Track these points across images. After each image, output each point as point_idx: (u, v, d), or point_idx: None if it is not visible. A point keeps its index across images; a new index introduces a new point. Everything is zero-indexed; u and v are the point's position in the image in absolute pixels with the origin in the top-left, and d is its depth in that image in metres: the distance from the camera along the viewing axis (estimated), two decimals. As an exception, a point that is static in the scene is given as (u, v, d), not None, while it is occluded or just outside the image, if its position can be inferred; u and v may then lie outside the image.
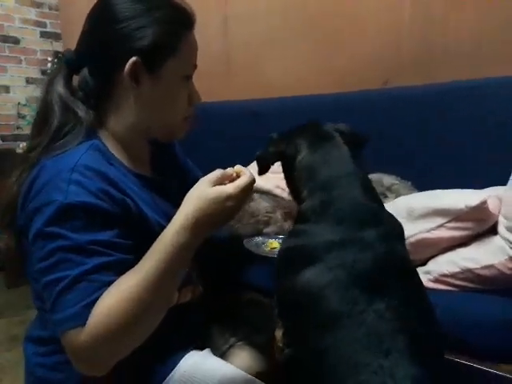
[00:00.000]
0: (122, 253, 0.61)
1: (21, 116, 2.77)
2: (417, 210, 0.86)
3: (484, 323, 0.73)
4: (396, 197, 1.08)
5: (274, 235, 1.10)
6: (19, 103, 2.78)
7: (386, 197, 1.12)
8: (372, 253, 0.57)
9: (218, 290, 1.04)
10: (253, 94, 1.70)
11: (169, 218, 0.64)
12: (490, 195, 0.81)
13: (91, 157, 0.65)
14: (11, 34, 2.78)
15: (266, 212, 1.21)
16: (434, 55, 1.32)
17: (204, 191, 0.60)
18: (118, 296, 0.56)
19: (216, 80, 1.87)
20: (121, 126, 0.72)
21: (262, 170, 0.79)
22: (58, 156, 0.64)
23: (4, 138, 2.79)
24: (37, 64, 2.92)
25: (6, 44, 2.76)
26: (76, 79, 0.73)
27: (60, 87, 0.70)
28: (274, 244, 1.04)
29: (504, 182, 0.85)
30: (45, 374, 0.70)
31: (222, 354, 0.84)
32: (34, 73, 2.92)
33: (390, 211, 0.90)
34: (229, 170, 0.64)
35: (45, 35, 2.95)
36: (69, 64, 0.71)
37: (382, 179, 1.15)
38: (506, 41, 1.20)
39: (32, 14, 2.87)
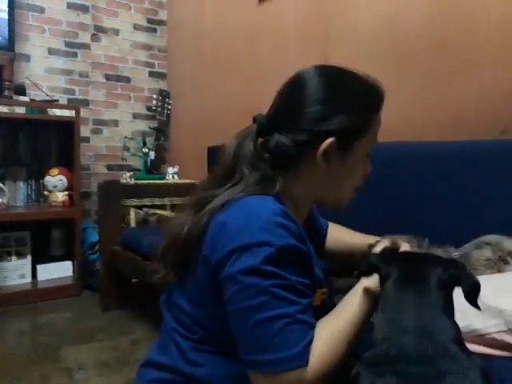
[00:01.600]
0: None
1: (126, 148, 3.00)
2: (555, 290, 0.72)
3: None
4: (520, 264, 0.95)
5: None
6: (126, 136, 3.02)
7: (506, 263, 0.99)
8: None
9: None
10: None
11: (322, 278, 0.76)
12: None
13: (278, 204, 0.68)
14: (124, 73, 3.06)
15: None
16: None
17: None
18: (331, 338, 0.63)
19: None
20: (299, 192, 0.77)
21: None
22: (245, 199, 0.68)
23: (111, 168, 3.03)
24: (143, 101, 3.17)
25: (119, 83, 3.04)
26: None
27: (250, 148, 0.74)
28: None
29: None
30: None
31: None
32: (140, 108, 3.16)
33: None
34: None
35: (152, 75, 3.20)
36: (261, 127, 0.76)
37: (501, 242, 1.02)
38: None
39: (143, 55, 3.15)
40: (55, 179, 2.55)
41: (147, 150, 2.91)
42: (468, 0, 1.40)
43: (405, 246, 0.83)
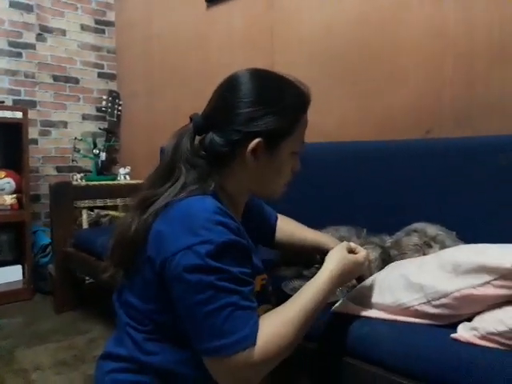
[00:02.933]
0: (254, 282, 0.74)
1: (76, 150, 2.96)
2: (463, 265, 0.86)
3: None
4: (441, 247, 1.09)
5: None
6: (75, 138, 2.99)
7: (430, 247, 1.13)
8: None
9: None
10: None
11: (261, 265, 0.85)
12: (538, 254, 0.81)
13: (216, 202, 0.74)
14: (72, 74, 3.02)
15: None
16: (476, 108, 1.35)
17: (346, 255, 0.86)
18: (282, 321, 0.71)
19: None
20: (233, 188, 0.83)
21: None
22: (183, 202, 0.73)
23: (61, 170, 2.98)
24: (93, 102, 3.14)
25: (68, 84, 3.00)
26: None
27: (187, 147, 0.80)
28: None
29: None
30: None
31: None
32: (90, 110, 3.13)
33: (435, 263, 0.93)
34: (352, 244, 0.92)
35: (102, 76, 3.18)
36: (197, 126, 0.81)
37: (426, 229, 1.16)
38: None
39: (92, 56, 3.12)
40: (2, 182, 2.49)
41: (98, 151, 2.90)
42: (395, 17, 1.56)
43: (360, 251, 0.93)
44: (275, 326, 0.70)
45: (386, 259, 1.15)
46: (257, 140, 0.77)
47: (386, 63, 1.59)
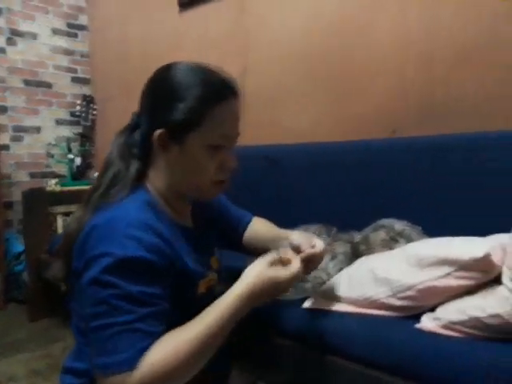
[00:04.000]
0: (165, 303, 0.69)
1: (50, 155, 2.92)
2: (425, 259, 0.90)
3: (494, 371, 0.75)
4: (407, 241, 1.12)
5: None
6: (49, 143, 2.94)
7: (397, 242, 1.16)
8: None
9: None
10: (267, 139, 1.81)
11: (206, 268, 0.82)
12: (495, 246, 0.85)
13: (144, 212, 0.73)
14: (45, 79, 2.98)
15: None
16: (437, 109, 1.40)
17: (263, 271, 0.73)
18: (175, 349, 0.64)
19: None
20: (159, 183, 0.81)
21: None
22: (114, 206, 0.73)
23: (34, 176, 2.94)
24: (66, 106, 3.10)
25: (40, 88, 2.96)
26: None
27: (121, 142, 0.82)
28: None
29: (506, 229, 0.90)
30: None
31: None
32: (64, 114, 3.09)
33: (400, 257, 0.96)
34: (282, 254, 0.78)
35: (75, 80, 3.14)
36: (131, 124, 0.84)
37: (392, 224, 1.19)
38: (502, 97, 1.29)
39: (64, 61, 3.08)
40: (-27, 189, 2.44)
41: (72, 156, 2.86)
42: (363, 23, 1.61)
43: (318, 243, 0.89)
44: (165, 353, 0.63)
45: (354, 254, 1.18)
46: (158, 131, 0.76)
47: (356, 67, 1.64)
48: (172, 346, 0.64)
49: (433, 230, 1.11)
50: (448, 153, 1.26)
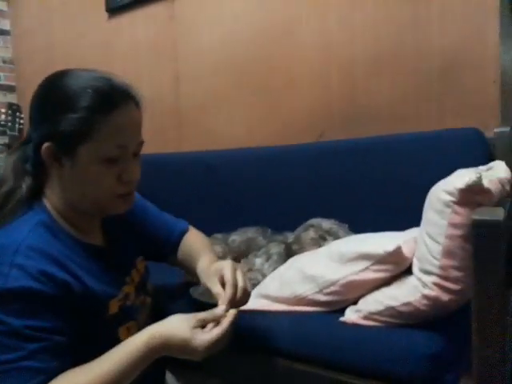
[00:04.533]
0: (59, 335, 0.64)
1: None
2: (346, 255, 0.96)
3: (407, 355, 0.82)
4: (334, 239, 1.19)
5: None
6: (-29, 155, 2.76)
7: (325, 239, 1.22)
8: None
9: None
10: (203, 146, 1.83)
11: (118, 286, 0.77)
12: (407, 239, 0.93)
13: (36, 235, 0.68)
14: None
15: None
16: (359, 113, 1.50)
17: (181, 329, 0.68)
18: None
19: (169, 133, 2.00)
20: (56, 200, 0.76)
21: None
22: (5, 228, 0.69)
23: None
24: (-10, 115, 2.93)
25: (-41, 96, 2.77)
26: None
27: (14, 158, 0.76)
28: None
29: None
30: None
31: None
32: (-13, 124, 2.92)
33: (325, 255, 1.02)
34: (211, 313, 0.73)
35: (-1, 88, 2.98)
36: (26, 136, 0.79)
37: (321, 223, 1.26)
38: (415, 101, 1.41)
39: (-14, 67, 2.91)
40: None
41: (-1, 168, 2.71)
42: (287, 32, 1.67)
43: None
44: None
45: (288, 254, 1.23)
46: (46, 144, 0.71)
47: (283, 73, 1.70)
48: None
49: (358, 227, 1.18)
50: (369, 154, 1.35)
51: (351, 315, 0.93)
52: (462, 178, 0.77)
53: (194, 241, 1.05)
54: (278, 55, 1.71)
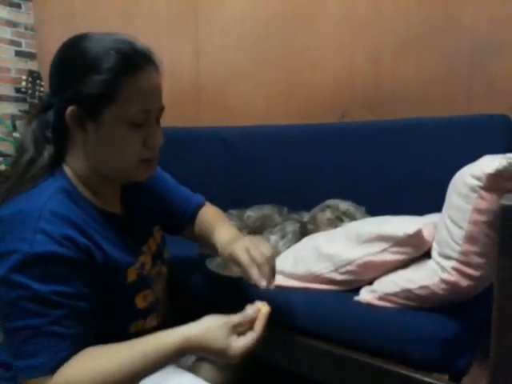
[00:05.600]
0: (83, 301, 0.64)
1: (-7, 133, 2.77)
2: (364, 235, 0.95)
3: (420, 337, 0.82)
4: (351, 220, 1.18)
5: None
6: (-9, 120, 2.79)
7: (341, 221, 1.22)
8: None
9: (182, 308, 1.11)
10: (221, 121, 1.82)
11: (135, 255, 0.77)
12: (427, 223, 0.92)
13: (57, 201, 0.67)
14: (-15, 52, 2.80)
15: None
16: (383, 94, 1.47)
17: (218, 340, 0.66)
18: (92, 371, 0.61)
19: (188, 107, 1.99)
20: (78, 167, 0.75)
21: None
22: (23, 197, 0.68)
23: (-25, 155, 2.79)
24: (10, 82, 2.94)
25: (-20, 62, 2.78)
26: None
27: (34, 125, 0.74)
28: None
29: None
30: None
31: (188, 368, 0.91)
32: (8, 90, 2.93)
33: (342, 235, 1.02)
34: (249, 311, 0.71)
35: (20, 54, 2.98)
36: (42, 105, 0.76)
37: (338, 205, 1.25)
38: (442, 84, 1.37)
39: (7, 33, 2.91)
40: None
41: (18, 135, 2.74)
42: (313, 8, 1.64)
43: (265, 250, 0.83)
44: (81, 376, 0.61)
45: (303, 233, 1.23)
46: (70, 108, 0.69)
47: (306, 50, 1.67)
48: (90, 369, 0.61)
49: (376, 210, 1.18)
50: (392, 137, 1.32)
51: (366, 295, 0.93)
52: (490, 162, 0.75)
53: (211, 214, 1.05)
54: (301, 32, 1.68)
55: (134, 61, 0.70)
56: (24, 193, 0.68)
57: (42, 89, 2.91)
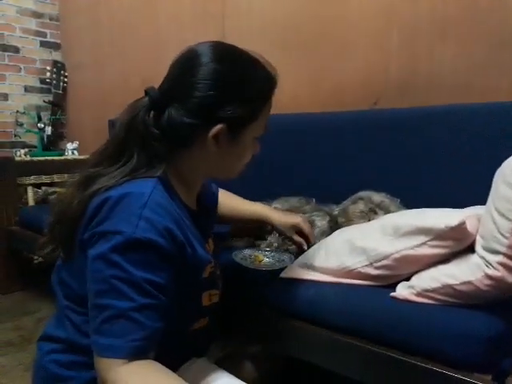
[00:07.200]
0: (165, 295, 0.65)
1: (18, 124, 2.81)
2: (402, 228, 0.90)
3: (463, 336, 0.78)
4: (385, 213, 1.13)
5: (263, 249, 1.15)
6: (17, 111, 2.82)
7: (375, 213, 1.17)
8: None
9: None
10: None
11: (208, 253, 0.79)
12: (470, 215, 0.86)
13: (161, 193, 0.69)
14: (12, 43, 2.83)
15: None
16: (419, 81, 1.40)
17: None
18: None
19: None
20: (189, 170, 0.77)
21: None
22: (129, 183, 0.69)
23: (2, 145, 2.82)
24: (36, 73, 2.97)
25: (6, 53, 2.81)
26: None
27: (141, 124, 0.72)
28: (260, 257, 1.08)
29: (483, 202, 0.91)
30: (57, 370, 0.73)
31: (217, 362, 0.89)
32: (33, 81, 2.96)
33: (377, 227, 0.97)
34: None
35: (45, 45, 3.00)
36: (153, 102, 0.73)
37: (371, 196, 1.20)
38: (483, 72, 1.30)
39: (32, 24, 2.93)
40: None
41: (43, 125, 2.76)
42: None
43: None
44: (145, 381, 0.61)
45: (333, 227, 1.19)
46: (219, 126, 0.71)
47: (336, 37, 1.61)
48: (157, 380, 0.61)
49: (411, 202, 1.12)
50: (428, 125, 1.26)
51: (403, 291, 0.88)
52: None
53: (228, 196, 1.14)
54: (330, 15, 1.62)
55: (274, 86, 0.78)
56: (128, 179, 0.69)
57: (65, 79, 2.94)
